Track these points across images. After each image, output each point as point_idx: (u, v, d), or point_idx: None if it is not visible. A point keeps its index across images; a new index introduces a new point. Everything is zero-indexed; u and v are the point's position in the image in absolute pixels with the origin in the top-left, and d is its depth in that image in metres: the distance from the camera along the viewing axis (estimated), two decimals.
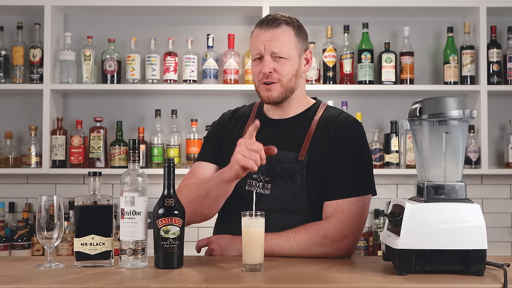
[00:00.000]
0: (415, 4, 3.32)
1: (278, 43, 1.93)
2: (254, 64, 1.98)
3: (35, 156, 3.33)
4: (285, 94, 1.97)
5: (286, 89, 1.96)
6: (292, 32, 1.96)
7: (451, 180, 1.60)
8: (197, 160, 2.11)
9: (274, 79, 1.94)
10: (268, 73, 1.93)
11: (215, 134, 2.13)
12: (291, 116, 2.03)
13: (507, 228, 3.49)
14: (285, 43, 1.94)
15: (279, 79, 1.94)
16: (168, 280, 1.49)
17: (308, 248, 1.84)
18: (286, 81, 1.95)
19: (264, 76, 1.94)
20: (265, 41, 1.93)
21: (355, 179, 1.91)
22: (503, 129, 3.51)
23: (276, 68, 1.93)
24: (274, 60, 1.93)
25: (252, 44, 1.99)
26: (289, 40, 1.95)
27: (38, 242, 3.17)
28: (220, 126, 2.13)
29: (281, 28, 1.94)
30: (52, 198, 1.66)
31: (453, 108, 1.58)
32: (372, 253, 3.30)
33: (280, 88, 1.96)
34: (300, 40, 1.98)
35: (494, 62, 3.36)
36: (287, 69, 1.94)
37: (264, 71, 1.93)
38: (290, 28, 1.96)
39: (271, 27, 1.94)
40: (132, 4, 3.31)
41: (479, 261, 1.51)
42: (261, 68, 1.94)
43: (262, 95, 1.99)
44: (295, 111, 2.03)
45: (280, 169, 1.93)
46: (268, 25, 1.95)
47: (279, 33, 1.94)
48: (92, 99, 3.49)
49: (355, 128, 1.99)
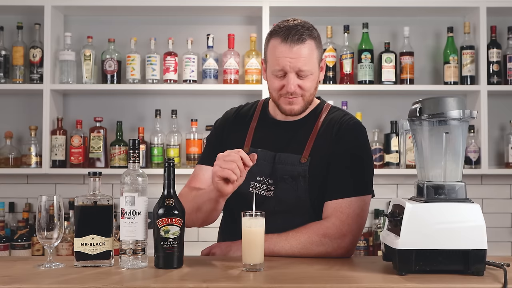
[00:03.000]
0: (415, 4, 3.31)
1: (304, 61, 1.89)
2: (274, 78, 1.93)
3: (35, 156, 3.33)
4: (306, 106, 1.98)
5: (307, 102, 1.97)
6: (314, 45, 1.92)
7: (451, 180, 1.60)
8: (198, 163, 2.11)
9: (298, 94, 1.94)
10: (293, 91, 1.91)
11: (215, 136, 2.12)
12: (296, 118, 2.02)
13: (507, 228, 3.49)
14: (309, 60, 1.90)
15: (302, 94, 1.94)
16: (168, 280, 1.49)
17: (308, 247, 1.84)
18: (308, 95, 1.96)
19: (288, 93, 1.92)
20: (292, 58, 1.88)
21: (355, 179, 1.92)
22: (503, 129, 3.51)
23: (300, 85, 1.92)
24: (298, 77, 1.91)
25: (273, 58, 1.92)
26: (312, 55, 1.91)
27: (38, 242, 3.17)
28: (222, 126, 2.12)
29: (306, 43, 1.89)
30: (52, 198, 1.66)
31: (453, 108, 1.58)
32: (372, 253, 3.30)
33: (302, 102, 1.96)
34: (319, 51, 1.96)
35: (494, 62, 3.36)
36: (310, 85, 1.93)
37: (289, 90, 1.91)
38: (312, 41, 1.91)
39: (297, 44, 1.88)
40: (132, 4, 3.31)
41: (479, 261, 1.51)
42: (285, 85, 1.91)
43: (284, 107, 1.97)
44: (301, 114, 2.02)
45: (283, 171, 1.93)
46: (293, 41, 1.87)
47: (304, 49, 1.89)
48: (92, 99, 3.49)
49: (356, 130, 1.99)
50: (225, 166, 1.72)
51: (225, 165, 1.72)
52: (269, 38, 1.95)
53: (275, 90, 1.95)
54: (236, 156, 1.73)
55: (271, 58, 1.94)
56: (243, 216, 1.62)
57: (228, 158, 1.73)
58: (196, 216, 1.92)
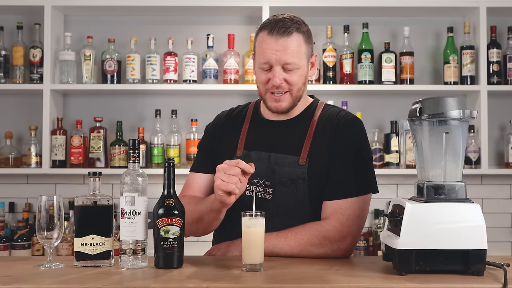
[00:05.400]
0: (415, 4, 3.31)
1: (290, 54, 1.86)
2: (261, 71, 1.91)
3: (35, 156, 3.33)
4: (294, 103, 1.94)
5: (295, 98, 1.93)
6: (302, 39, 1.89)
7: (451, 180, 1.59)
8: (191, 171, 2.08)
9: (284, 89, 1.90)
10: (279, 84, 1.88)
11: (206, 141, 2.08)
12: (289, 117, 1.99)
13: (507, 228, 3.49)
14: (296, 53, 1.87)
15: (289, 89, 1.90)
16: (168, 280, 1.49)
17: (307, 249, 1.83)
18: (296, 90, 1.91)
19: (273, 87, 1.89)
20: (277, 51, 1.85)
21: (355, 179, 1.89)
22: (503, 129, 3.51)
23: (286, 79, 1.88)
24: (284, 71, 1.88)
25: (260, 51, 1.90)
26: (299, 49, 1.88)
27: (38, 242, 3.17)
28: (213, 131, 2.08)
29: (292, 36, 1.86)
30: (52, 198, 1.66)
31: (453, 108, 1.58)
32: (372, 253, 3.30)
33: (290, 98, 1.92)
34: (308, 46, 1.92)
35: (494, 62, 3.36)
36: (297, 79, 1.89)
37: (275, 83, 1.87)
38: (300, 35, 1.88)
39: (282, 36, 1.85)
40: (132, 4, 3.31)
41: (479, 261, 1.51)
42: (271, 78, 1.88)
43: (270, 105, 1.94)
44: (294, 113, 1.99)
45: (281, 173, 1.90)
46: (279, 34, 1.85)
47: (291, 42, 1.86)
48: (92, 99, 3.49)
49: (355, 125, 1.95)
50: (228, 180, 1.69)
51: (228, 179, 1.69)
52: (258, 31, 1.94)
53: (261, 83, 1.92)
54: (237, 170, 1.69)
55: (258, 51, 1.92)
56: (243, 216, 1.62)
57: (229, 172, 1.69)
58: (197, 226, 1.91)
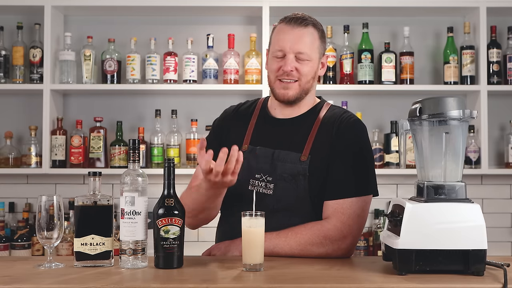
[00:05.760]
0: (415, 4, 3.31)
1: (304, 44, 1.93)
2: (274, 60, 1.97)
3: (35, 156, 3.33)
4: (301, 94, 1.97)
5: (303, 89, 1.97)
6: (317, 35, 1.97)
7: (451, 180, 1.60)
8: None
9: (294, 77, 1.94)
10: (289, 71, 1.93)
11: (213, 136, 2.11)
12: (295, 116, 2.02)
13: (507, 228, 3.49)
14: (309, 45, 1.94)
15: (299, 78, 1.95)
16: (168, 280, 1.49)
17: (308, 249, 1.84)
18: (304, 82, 1.95)
19: (284, 74, 1.94)
20: (292, 39, 1.93)
21: (355, 179, 1.90)
22: (503, 129, 3.51)
23: (297, 68, 1.94)
24: (296, 60, 1.93)
25: (275, 40, 1.98)
26: (313, 42, 1.95)
27: (38, 242, 3.17)
28: (220, 125, 2.12)
29: (308, 29, 1.95)
30: (52, 198, 1.66)
31: (453, 108, 1.58)
32: (372, 253, 3.30)
33: (298, 88, 1.96)
34: (322, 44, 1.99)
35: (494, 62, 3.36)
36: (307, 70, 1.95)
37: (286, 69, 1.92)
38: (316, 30, 1.97)
39: (299, 26, 1.94)
40: (132, 4, 3.31)
41: (479, 261, 1.51)
42: (282, 65, 1.93)
43: (278, 92, 1.97)
44: (300, 111, 2.02)
45: (282, 169, 1.93)
46: (296, 23, 1.94)
47: (306, 33, 1.94)
48: (92, 99, 3.49)
49: (357, 127, 1.98)
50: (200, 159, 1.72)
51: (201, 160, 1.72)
52: (276, 25, 2.01)
53: (272, 72, 1.97)
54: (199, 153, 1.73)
55: (274, 40, 1.99)
56: (243, 216, 1.62)
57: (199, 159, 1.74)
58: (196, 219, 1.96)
